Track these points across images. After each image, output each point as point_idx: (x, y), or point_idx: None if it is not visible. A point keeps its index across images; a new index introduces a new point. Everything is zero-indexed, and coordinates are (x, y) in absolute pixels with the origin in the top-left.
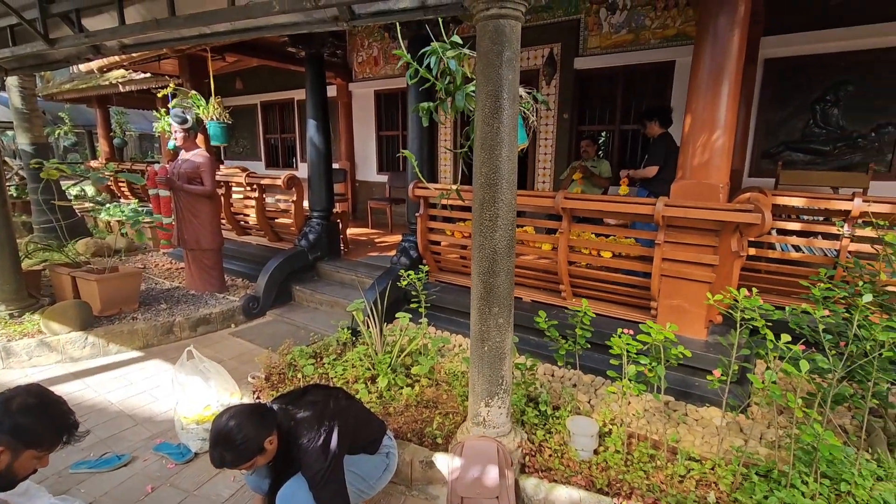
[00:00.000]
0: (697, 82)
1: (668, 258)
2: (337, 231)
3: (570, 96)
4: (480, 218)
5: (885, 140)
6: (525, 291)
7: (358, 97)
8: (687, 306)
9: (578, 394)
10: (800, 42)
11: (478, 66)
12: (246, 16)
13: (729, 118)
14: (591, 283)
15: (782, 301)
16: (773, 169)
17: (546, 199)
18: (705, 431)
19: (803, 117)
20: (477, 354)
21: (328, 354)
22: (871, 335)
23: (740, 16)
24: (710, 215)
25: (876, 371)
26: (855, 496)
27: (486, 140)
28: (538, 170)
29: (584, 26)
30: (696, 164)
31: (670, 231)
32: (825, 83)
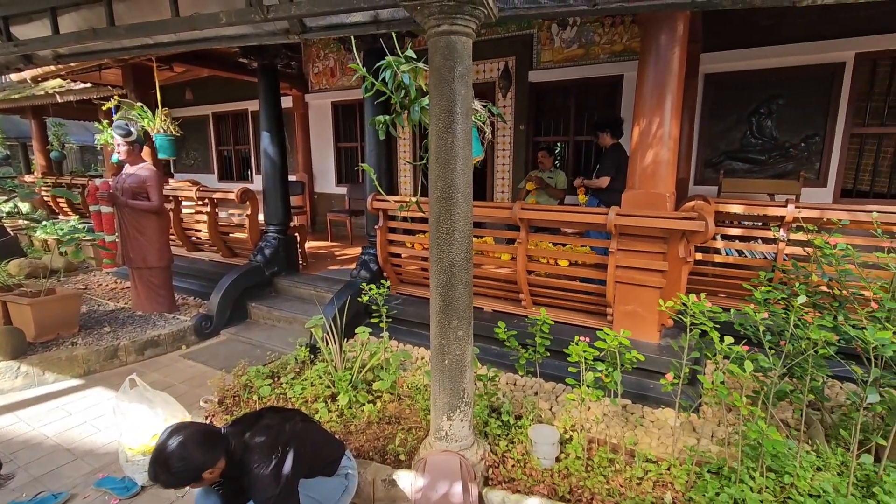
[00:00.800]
0: (643, 97)
1: (621, 265)
2: (294, 245)
3: (526, 108)
4: (437, 231)
5: (813, 150)
6: (486, 301)
7: (315, 108)
8: (641, 311)
9: (540, 401)
10: (735, 59)
11: (431, 81)
12: (191, 27)
13: (673, 131)
14: (550, 291)
15: (729, 303)
16: (716, 177)
17: (504, 210)
18: (661, 432)
19: (741, 129)
20: (437, 368)
21: (286, 374)
22: (806, 334)
23: (679, 34)
24: (658, 223)
25: (811, 367)
26: (797, 488)
27: (440, 154)
28: (497, 180)
29: (538, 41)
30: (644, 174)
31: (623, 239)
32: (759, 97)
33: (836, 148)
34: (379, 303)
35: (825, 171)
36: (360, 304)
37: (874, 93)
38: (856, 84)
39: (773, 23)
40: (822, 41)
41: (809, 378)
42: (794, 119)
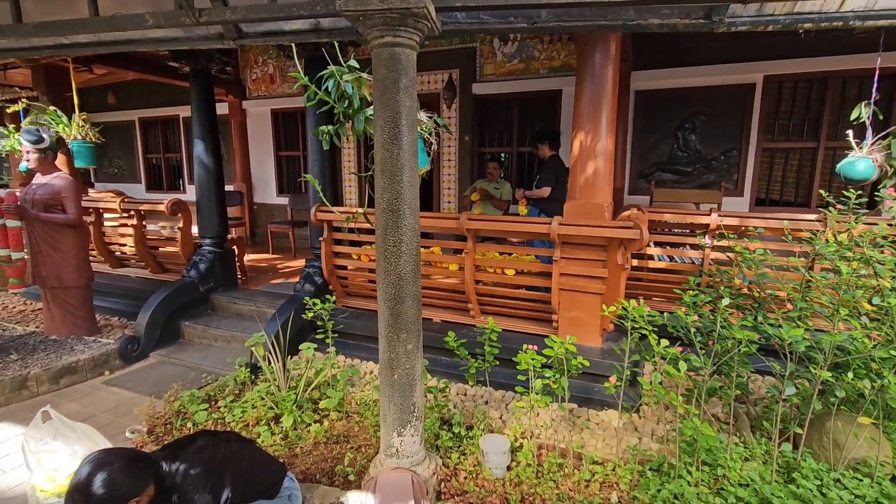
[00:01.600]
0: (581, 112)
1: (564, 273)
2: (233, 258)
3: (470, 120)
4: (384, 244)
5: (731, 162)
6: (435, 312)
7: (253, 116)
8: (584, 317)
9: (490, 410)
10: (662, 77)
11: (375, 91)
12: (112, 28)
13: (609, 144)
14: (498, 300)
15: (663, 305)
16: (648, 187)
17: (451, 220)
18: (606, 434)
19: (669, 142)
20: (387, 383)
21: (224, 397)
22: (731, 334)
23: (612, 53)
24: (598, 232)
25: (737, 364)
26: (729, 479)
27: (386, 166)
28: (443, 190)
29: (480, 54)
30: (584, 185)
31: (565, 248)
32: (684, 113)
33: (751, 160)
34: (324, 317)
35: (742, 182)
36: (305, 319)
37: (780, 111)
38: (765, 103)
39: (694, 46)
40: (736, 64)
41: (736, 375)
42: (714, 134)
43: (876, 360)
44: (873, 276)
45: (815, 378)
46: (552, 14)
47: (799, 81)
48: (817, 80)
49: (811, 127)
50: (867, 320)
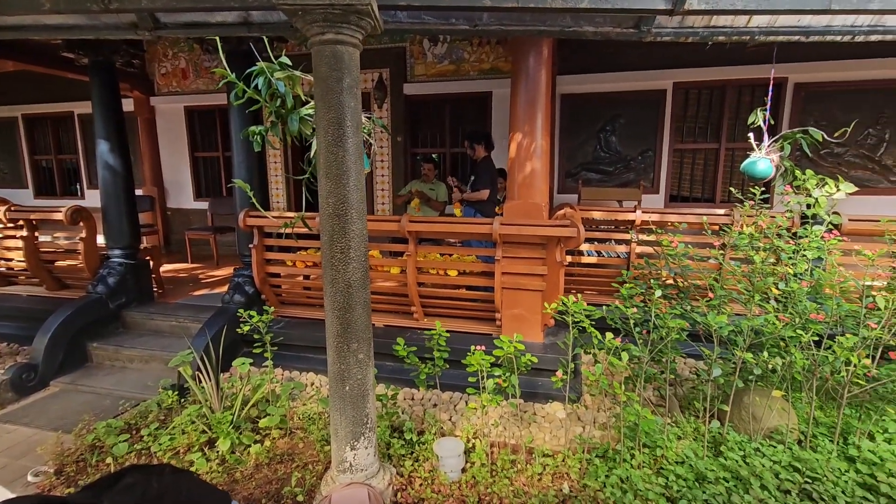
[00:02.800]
0: (517, 114)
1: (506, 272)
2: (147, 270)
3: (402, 120)
4: (331, 251)
5: (648, 162)
6: (377, 317)
7: (164, 113)
8: (526, 314)
9: (440, 413)
10: (585, 82)
11: (316, 91)
12: None
13: (544, 144)
14: (442, 301)
15: (596, 299)
16: (576, 186)
17: (391, 223)
18: (552, 426)
19: (592, 143)
20: (338, 396)
21: (148, 424)
22: (665, 323)
23: (546, 57)
24: (538, 231)
25: (670, 351)
26: (667, 458)
27: (330, 169)
28: (377, 192)
29: (410, 54)
30: (522, 185)
31: (506, 247)
32: (605, 116)
33: (664, 160)
34: (261, 329)
35: (657, 180)
36: (238, 332)
37: (688, 115)
38: (675, 108)
39: (613, 52)
40: (650, 71)
41: (669, 360)
42: (632, 136)
43: (785, 339)
44: (778, 263)
45: (737, 359)
46: (493, 17)
47: (703, 89)
48: (718, 87)
49: (714, 130)
50: (775, 303)
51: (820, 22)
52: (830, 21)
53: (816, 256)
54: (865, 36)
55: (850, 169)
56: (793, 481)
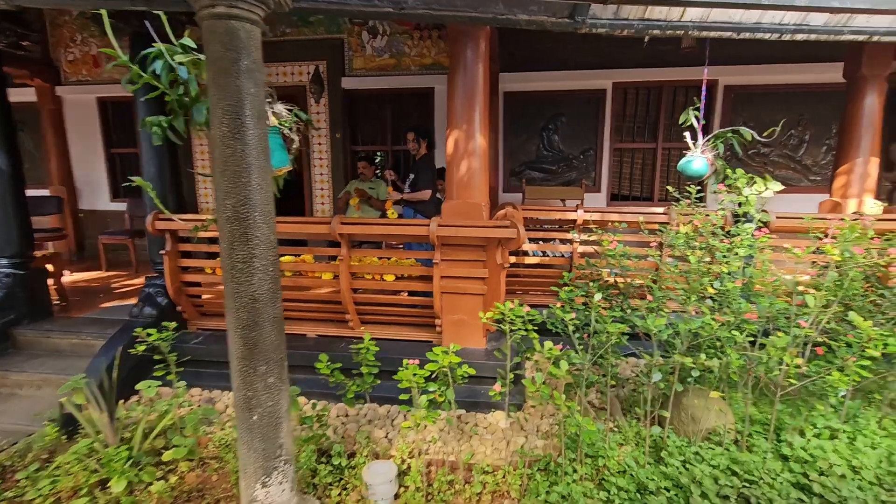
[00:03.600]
0: (454, 110)
1: (445, 276)
2: (43, 281)
3: (341, 116)
4: (231, 260)
5: (589, 161)
6: (309, 326)
7: (73, 105)
8: (467, 319)
9: (375, 430)
10: (527, 80)
11: (209, 74)
12: None
13: (483, 142)
14: (379, 308)
15: (541, 299)
16: (520, 185)
17: (321, 225)
18: (494, 438)
19: (535, 142)
20: (245, 427)
21: (27, 465)
22: (605, 328)
23: (482, 50)
24: (477, 233)
25: (611, 355)
26: (609, 468)
27: (227, 165)
28: (315, 192)
29: (349, 47)
30: (461, 184)
31: (445, 249)
32: (548, 114)
33: (605, 159)
34: (164, 349)
35: (599, 179)
36: (147, 348)
37: (627, 115)
38: (614, 107)
39: (554, 50)
40: (590, 70)
41: (610, 365)
42: (574, 135)
43: (721, 339)
44: (713, 262)
45: (675, 362)
46: (420, 0)
47: (640, 89)
48: (655, 88)
49: (651, 130)
50: (711, 302)
51: (750, 18)
52: (760, 17)
53: (748, 254)
54: (792, 35)
55: (775, 168)
56: (731, 486)
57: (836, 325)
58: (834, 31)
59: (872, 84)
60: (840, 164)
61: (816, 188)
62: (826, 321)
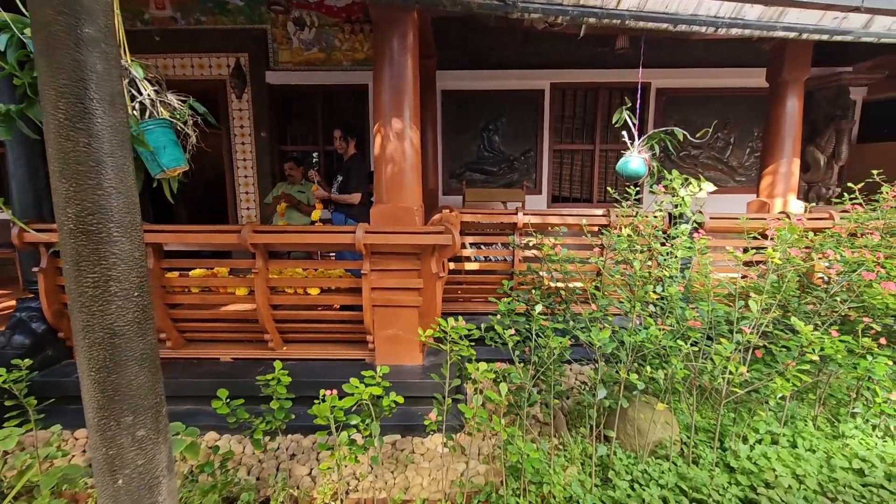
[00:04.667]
0: (382, 104)
1: (376, 287)
2: None
3: (267, 113)
4: (78, 285)
5: (530, 162)
6: (222, 349)
7: None
8: (402, 334)
9: (297, 467)
10: (465, 78)
11: (35, 46)
12: None
13: (414, 140)
14: (303, 325)
15: (484, 307)
16: (460, 187)
17: (228, 234)
18: (432, 465)
19: (476, 142)
20: (108, 494)
21: None
22: (546, 342)
23: (410, 42)
24: (408, 240)
25: (553, 370)
26: (554, 495)
27: (67, 163)
28: (240, 195)
29: (273, 38)
30: (391, 187)
31: (375, 258)
32: (487, 115)
33: (545, 161)
34: (17, 391)
35: (540, 181)
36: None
37: (565, 116)
38: (553, 108)
39: (493, 49)
40: (528, 70)
41: (553, 381)
42: (514, 136)
43: (665, 348)
44: (654, 265)
45: (621, 378)
46: None
47: (578, 90)
48: (591, 89)
49: (589, 131)
50: (654, 308)
51: (687, 9)
52: (696, 9)
53: (687, 256)
54: (727, 29)
55: (705, 170)
56: None
57: (775, 328)
58: (767, 26)
59: (793, 88)
60: (766, 165)
61: (743, 188)
62: (766, 324)
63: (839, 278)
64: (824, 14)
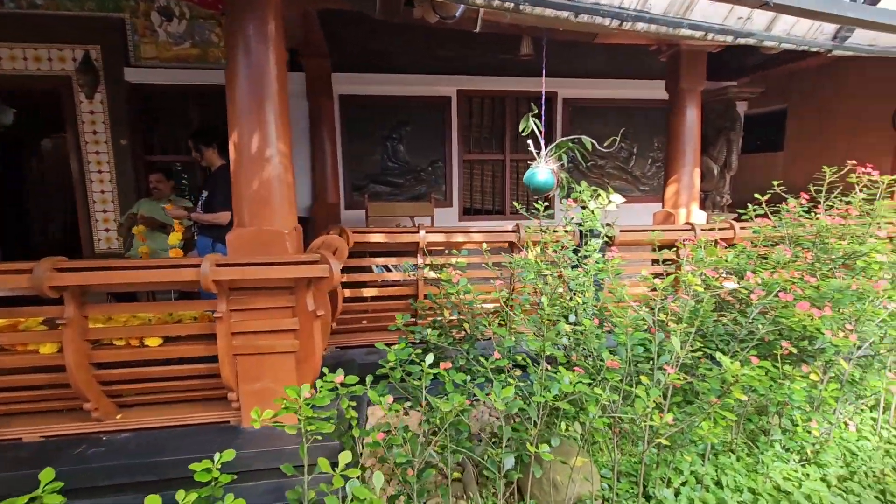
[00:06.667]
0: (237, 105)
1: (238, 332)
2: None
3: (127, 117)
4: None
5: (438, 174)
6: (27, 425)
7: None
8: (274, 387)
9: None
10: (364, 82)
11: None
12: None
13: (283, 148)
14: (143, 385)
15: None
16: (363, 201)
17: (17, 276)
18: None
19: (380, 152)
20: None
21: None
22: (439, 405)
23: (272, 31)
24: (271, 273)
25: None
26: None
27: None
28: (95, 214)
29: (134, 29)
30: (254, 206)
31: (237, 297)
32: (390, 122)
33: (455, 172)
34: None
35: (450, 193)
36: None
37: (474, 125)
38: (461, 116)
39: (392, 51)
40: (433, 75)
41: (457, 442)
42: (421, 145)
43: (582, 396)
44: (566, 291)
45: (532, 445)
46: None
47: (485, 97)
48: (498, 97)
49: (499, 141)
50: (567, 340)
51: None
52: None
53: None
54: (633, 23)
55: (612, 180)
56: None
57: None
58: (673, 22)
59: (691, 97)
60: (670, 175)
61: (647, 198)
62: (686, 355)
63: (759, 303)
64: (731, 10)
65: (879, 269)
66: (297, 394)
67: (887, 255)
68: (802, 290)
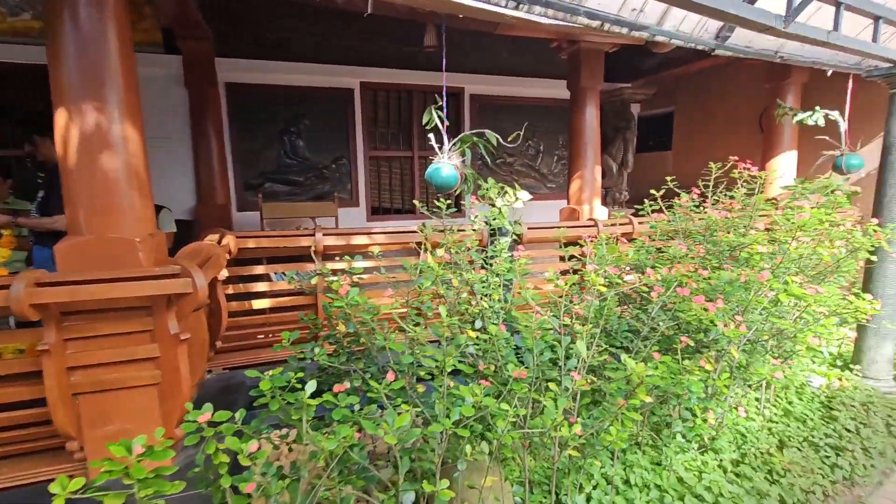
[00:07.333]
0: (63, 83)
1: (78, 365)
2: None
3: None
4: None
5: (343, 171)
6: None
7: None
8: (133, 428)
9: None
10: (253, 69)
11: None
12: None
13: (132, 136)
14: None
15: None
16: (257, 202)
17: None
18: None
19: (275, 147)
20: None
21: None
22: (321, 444)
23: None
24: (113, 291)
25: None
26: None
27: None
28: None
29: None
30: (93, 208)
31: (73, 323)
32: (287, 115)
33: (361, 169)
34: None
35: (356, 192)
36: None
37: (379, 119)
38: (365, 111)
39: (282, 38)
40: (333, 65)
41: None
42: (322, 141)
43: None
44: (472, 296)
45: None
46: None
47: (390, 91)
48: (405, 91)
49: (406, 137)
50: (473, 349)
51: None
52: None
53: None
54: (529, 7)
55: (520, 177)
56: None
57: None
58: (570, 8)
59: (591, 95)
60: (574, 171)
61: (554, 195)
62: (591, 356)
63: (659, 300)
64: (625, 2)
65: (760, 260)
66: (128, 448)
67: (766, 246)
68: (697, 283)
